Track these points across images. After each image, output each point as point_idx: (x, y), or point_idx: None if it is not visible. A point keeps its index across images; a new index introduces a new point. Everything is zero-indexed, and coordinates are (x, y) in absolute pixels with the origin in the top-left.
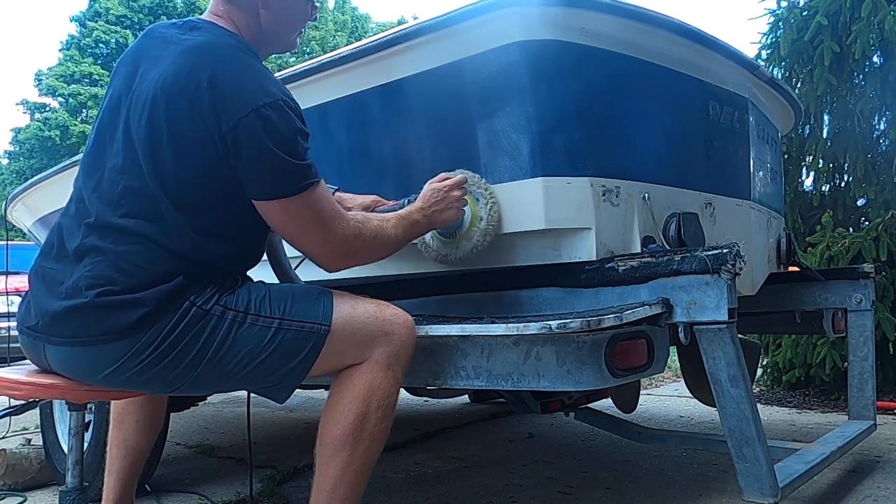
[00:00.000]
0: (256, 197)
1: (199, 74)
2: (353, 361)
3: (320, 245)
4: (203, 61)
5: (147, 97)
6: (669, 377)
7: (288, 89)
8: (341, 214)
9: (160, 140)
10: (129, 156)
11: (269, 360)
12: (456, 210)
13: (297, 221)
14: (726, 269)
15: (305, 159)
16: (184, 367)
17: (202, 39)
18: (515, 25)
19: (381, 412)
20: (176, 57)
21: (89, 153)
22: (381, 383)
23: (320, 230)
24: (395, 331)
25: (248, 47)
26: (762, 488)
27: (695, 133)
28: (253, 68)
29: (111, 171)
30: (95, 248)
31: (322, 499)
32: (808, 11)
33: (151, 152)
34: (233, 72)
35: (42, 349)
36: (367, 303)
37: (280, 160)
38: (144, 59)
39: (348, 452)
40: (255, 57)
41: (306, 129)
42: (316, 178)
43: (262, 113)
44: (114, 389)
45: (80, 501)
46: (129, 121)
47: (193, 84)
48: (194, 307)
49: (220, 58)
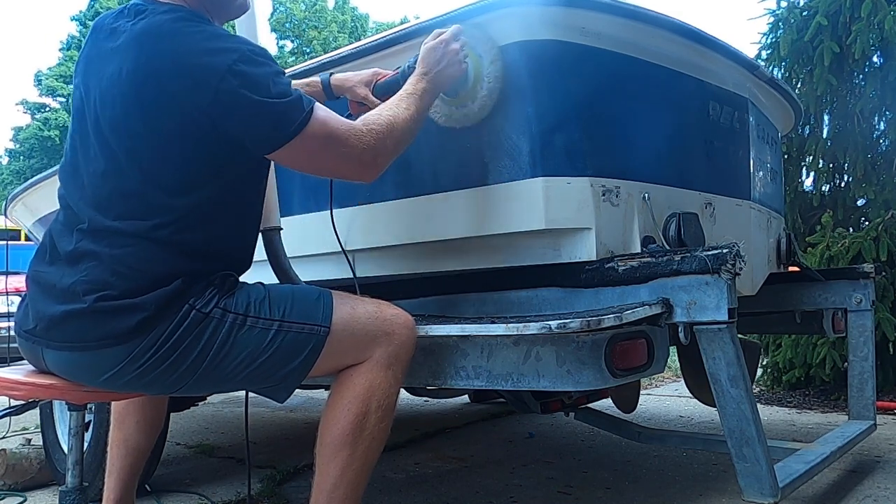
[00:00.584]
0: (265, 150)
1: (159, 64)
2: (353, 362)
3: (348, 164)
4: (157, 46)
5: (111, 94)
6: (669, 377)
7: (243, 37)
8: (352, 126)
9: (139, 138)
10: (109, 156)
11: (269, 362)
12: (458, 65)
13: (317, 154)
14: (726, 269)
15: (291, 94)
16: (184, 370)
17: (149, 22)
18: (515, 25)
19: (381, 412)
20: (129, 47)
21: (66, 164)
22: (382, 383)
23: (341, 150)
24: (395, 331)
25: (196, 14)
26: (762, 488)
27: (695, 133)
28: (206, 33)
29: (93, 177)
30: (90, 253)
31: (322, 498)
32: (808, 11)
33: (133, 151)
34: (189, 46)
35: (41, 353)
36: (367, 303)
37: (269, 106)
38: (97, 58)
39: (348, 452)
40: (208, 21)
41: (278, 65)
42: (310, 104)
43: (235, 70)
44: (114, 391)
45: (80, 501)
46: (98, 122)
47: (156, 74)
48: (194, 310)
49: (172, 37)
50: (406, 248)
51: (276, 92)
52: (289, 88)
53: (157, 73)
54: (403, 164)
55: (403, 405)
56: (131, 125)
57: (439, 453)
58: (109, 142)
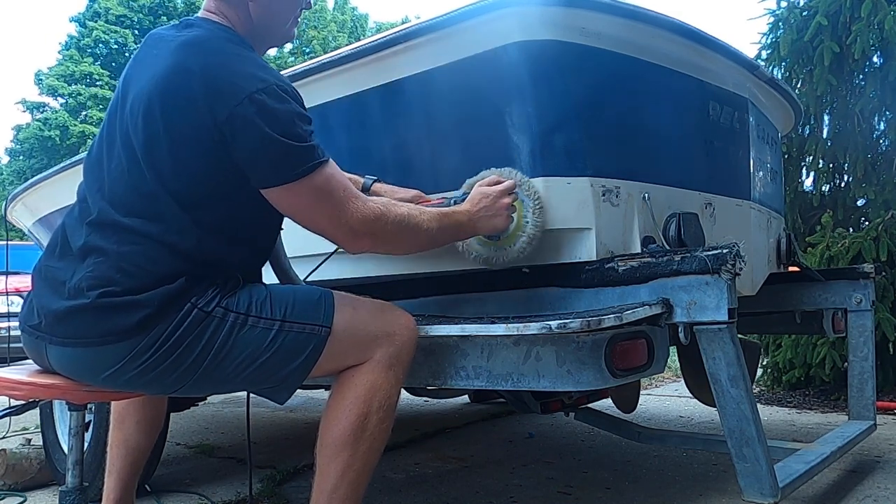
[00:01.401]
0: (262, 185)
1: (191, 67)
2: (354, 362)
3: (336, 225)
4: (194, 54)
5: (142, 96)
6: (669, 377)
7: (284, 76)
8: (357, 195)
9: (157, 137)
10: (129, 156)
11: (270, 362)
12: (505, 218)
13: (308, 204)
14: (726, 269)
15: (308, 141)
16: (185, 369)
17: (194, 34)
18: (515, 25)
19: (383, 413)
20: (170, 54)
21: (91, 155)
22: (383, 384)
23: (334, 209)
24: (396, 331)
25: (242, 40)
26: (762, 488)
27: (695, 133)
28: (244, 57)
29: (112, 172)
30: (98, 249)
31: (323, 499)
32: (808, 12)
33: (149, 150)
34: (224, 62)
35: (44, 349)
36: (368, 304)
37: (279, 144)
38: (141, 62)
39: (349, 453)
40: (250, 48)
41: (306, 112)
42: (322, 157)
43: (256, 99)
44: (114, 390)
45: (80, 501)
46: (125, 122)
47: (185, 77)
48: (196, 309)
49: (211, 50)
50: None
51: (290, 132)
52: (308, 135)
53: (187, 76)
54: (405, 164)
55: (403, 405)
56: (152, 122)
57: (439, 453)
58: (132, 141)
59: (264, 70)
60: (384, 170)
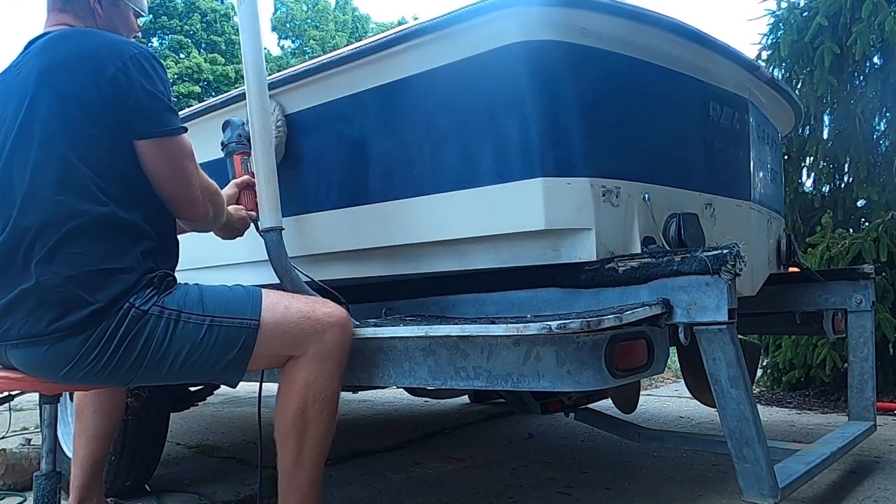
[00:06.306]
0: (139, 135)
1: (65, 52)
2: (291, 354)
3: (188, 187)
4: (64, 45)
5: (20, 101)
6: (669, 377)
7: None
8: (200, 169)
9: (59, 129)
10: (41, 161)
11: (206, 355)
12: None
13: (171, 162)
14: (726, 270)
15: (175, 108)
16: (130, 365)
17: (50, 35)
18: (515, 26)
19: (319, 404)
20: (34, 56)
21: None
22: (317, 378)
23: (190, 173)
24: (325, 329)
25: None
26: (762, 489)
27: (695, 134)
28: (110, 34)
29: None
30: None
31: (285, 474)
32: (809, 12)
33: (51, 136)
34: (94, 39)
35: (4, 353)
36: (300, 301)
37: (158, 100)
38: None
39: (296, 440)
40: None
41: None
42: (185, 127)
43: (136, 59)
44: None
45: (53, 486)
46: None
47: (63, 61)
48: (133, 308)
49: (77, 36)
50: (407, 248)
51: (166, 93)
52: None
53: (63, 61)
54: (405, 163)
55: (403, 405)
56: (50, 121)
57: (439, 453)
58: (37, 140)
59: (132, 43)
60: (384, 169)
